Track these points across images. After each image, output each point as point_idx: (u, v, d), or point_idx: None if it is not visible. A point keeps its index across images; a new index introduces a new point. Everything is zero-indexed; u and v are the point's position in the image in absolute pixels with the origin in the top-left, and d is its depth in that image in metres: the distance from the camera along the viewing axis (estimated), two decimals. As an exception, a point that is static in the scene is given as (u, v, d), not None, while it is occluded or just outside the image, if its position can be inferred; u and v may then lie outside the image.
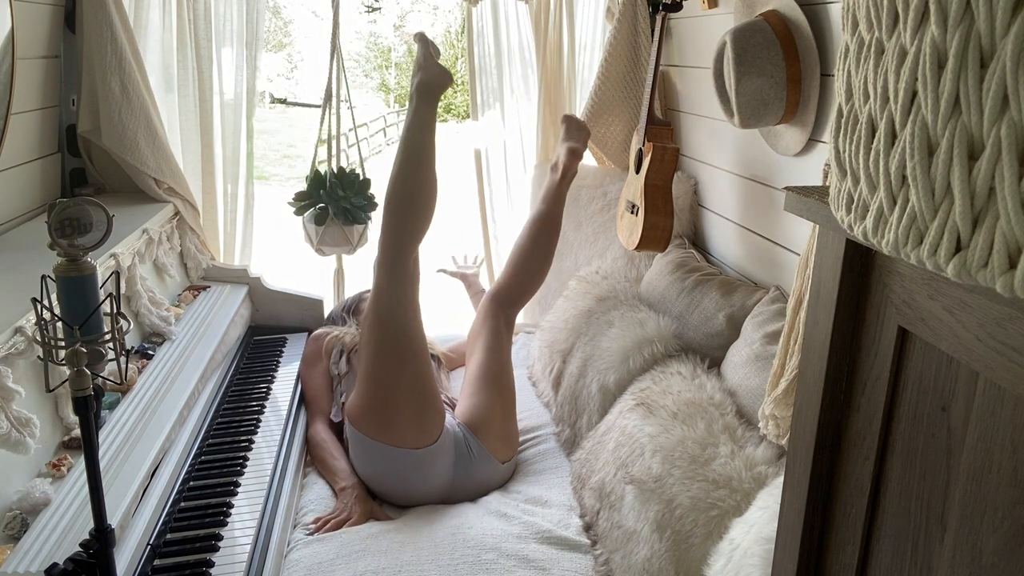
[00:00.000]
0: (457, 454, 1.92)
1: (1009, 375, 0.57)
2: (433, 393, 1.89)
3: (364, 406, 1.89)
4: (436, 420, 1.89)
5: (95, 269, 1.06)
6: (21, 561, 1.21)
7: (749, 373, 1.73)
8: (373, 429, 1.86)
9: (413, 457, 1.85)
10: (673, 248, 2.37)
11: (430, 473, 1.88)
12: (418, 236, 1.89)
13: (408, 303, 1.86)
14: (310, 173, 2.76)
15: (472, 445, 1.96)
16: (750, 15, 1.81)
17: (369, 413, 1.87)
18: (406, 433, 1.85)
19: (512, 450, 2.06)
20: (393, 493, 1.93)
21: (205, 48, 2.63)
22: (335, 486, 1.93)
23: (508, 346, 2.21)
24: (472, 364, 2.16)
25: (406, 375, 1.84)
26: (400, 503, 1.94)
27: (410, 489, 1.91)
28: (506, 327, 2.23)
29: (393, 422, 1.85)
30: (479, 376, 2.08)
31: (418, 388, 1.85)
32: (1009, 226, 0.47)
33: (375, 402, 1.86)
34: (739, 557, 1.20)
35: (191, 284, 2.56)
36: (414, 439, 1.85)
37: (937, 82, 0.52)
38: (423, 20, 29.49)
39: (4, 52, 1.96)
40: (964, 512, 0.63)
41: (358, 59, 30.78)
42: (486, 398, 2.04)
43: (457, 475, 1.92)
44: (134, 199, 2.49)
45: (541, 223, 2.35)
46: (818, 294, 0.82)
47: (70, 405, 1.18)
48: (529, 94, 2.95)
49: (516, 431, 2.12)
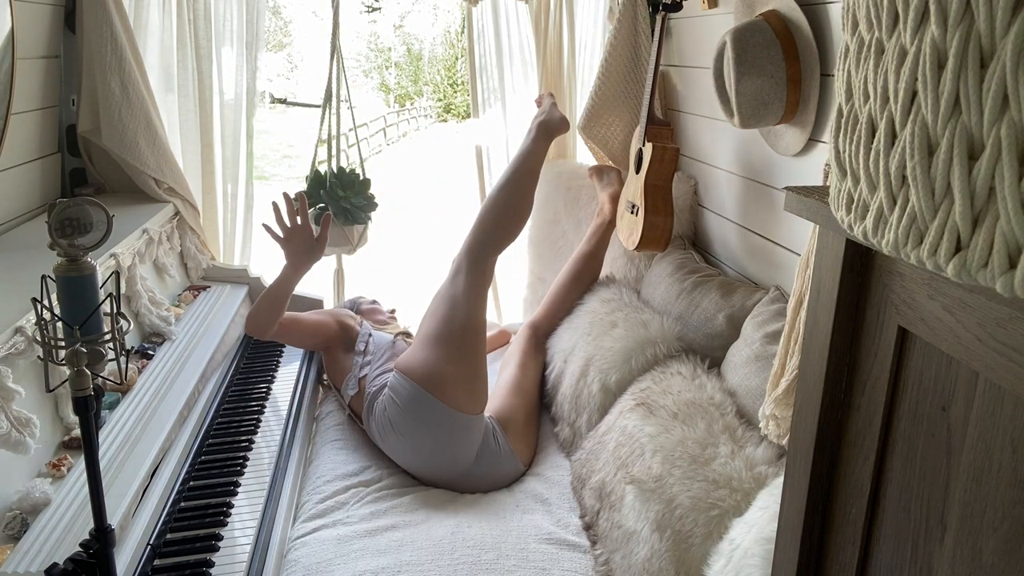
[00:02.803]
0: (484, 442, 2.04)
1: (1009, 375, 0.57)
2: (485, 371, 2.08)
3: (424, 360, 2.03)
4: (483, 393, 2.05)
5: (95, 269, 1.06)
6: (21, 561, 1.21)
7: (749, 373, 1.73)
8: (428, 382, 2.00)
9: (456, 420, 1.98)
10: (673, 249, 2.37)
11: (462, 443, 1.99)
12: (508, 243, 2.21)
13: (480, 293, 2.11)
14: (310, 173, 2.76)
15: (500, 439, 2.07)
16: (750, 15, 1.81)
17: (428, 367, 2.02)
18: (456, 394, 1.99)
19: (530, 455, 2.17)
20: (418, 454, 2.00)
21: (205, 48, 2.63)
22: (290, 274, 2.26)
23: (539, 368, 2.40)
24: (505, 376, 2.33)
25: (467, 346, 2.05)
26: (419, 470, 2.02)
27: (437, 454, 1.99)
28: (538, 351, 2.44)
29: (448, 381, 1.99)
30: (511, 386, 2.27)
31: (475, 361, 2.05)
32: (1009, 226, 0.47)
33: (437, 361, 2.02)
34: (739, 557, 1.20)
35: (191, 284, 2.56)
36: (463, 403, 1.99)
37: (937, 82, 0.52)
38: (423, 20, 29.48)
39: (4, 52, 1.96)
40: (964, 512, 0.63)
41: (358, 59, 30.81)
42: (515, 402, 2.21)
43: (479, 463, 2.02)
44: (134, 199, 2.49)
45: (584, 262, 2.52)
46: (818, 294, 0.82)
47: (70, 405, 1.18)
48: (529, 93, 2.95)
49: (536, 440, 2.23)
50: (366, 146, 15.20)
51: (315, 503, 1.87)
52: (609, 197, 2.55)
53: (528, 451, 2.16)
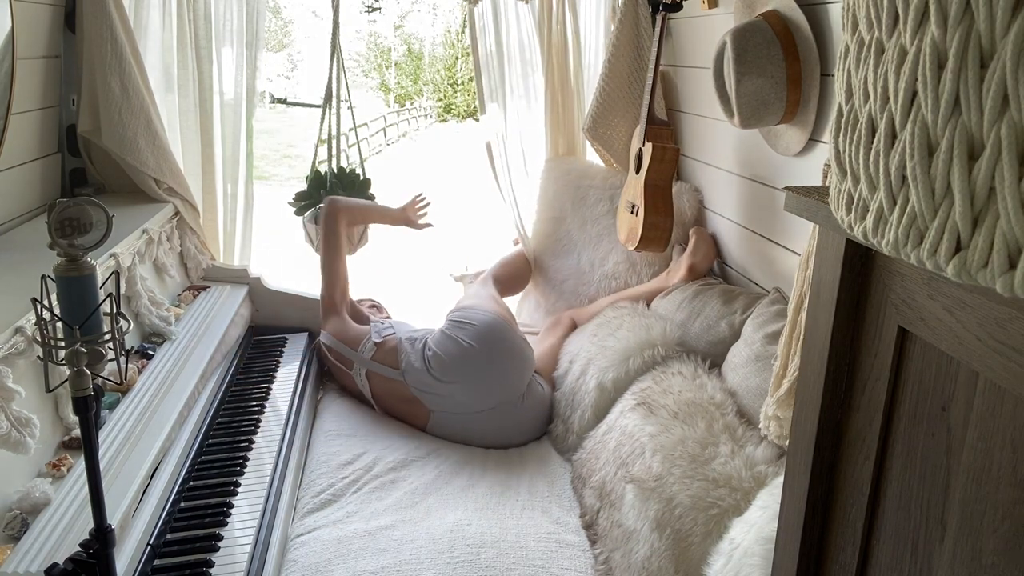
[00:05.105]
0: (533, 380, 2.28)
1: (1009, 375, 0.57)
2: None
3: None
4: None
5: (95, 269, 1.06)
6: (21, 561, 1.21)
7: (749, 373, 1.73)
8: (509, 316, 2.37)
9: (525, 350, 2.28)
10: (674, 256, 2.40)
11: (524, 372, 2.25)
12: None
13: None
14: (310, 173, 2.76)
15: (544, 386, 2.31)
16: (750, 15, 1.81)
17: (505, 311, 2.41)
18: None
19: (550, 372, 2.39)
20: (480, 378, 2.18)
21: (205, 48, 2.63)
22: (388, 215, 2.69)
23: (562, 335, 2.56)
24: (543, 344, 2.52)
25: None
26: (469, 398, 2.18)
27: (498, 377, 2.20)
28: (567, 330, 2.57)
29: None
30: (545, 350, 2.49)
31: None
32: (1009, 226, 0.47)
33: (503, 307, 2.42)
34: (739, 557, 1.20)
35: (191, 284, 2.56)
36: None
37: (937, 82, 0.52)
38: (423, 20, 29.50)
39: (4, 52, 1.96)
40: (964, 512, 0.63)
41: (358, 59, 30.81)
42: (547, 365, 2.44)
43: (525, 399, 2.23)
44: (134, 199, 2.48)
45: (628, 298, 2.44)
46: (818, 294, 0.82)
47: (70, 405, 1.18)
48: (529, 93, 2.95)
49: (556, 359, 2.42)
50: (366, 146, 15.20)
51: (311, 497, 1.88)
52: (689, 267, 2.30)
53: (550, 369, 2.41)
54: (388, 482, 1.96)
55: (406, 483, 1.97)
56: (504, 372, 2.20)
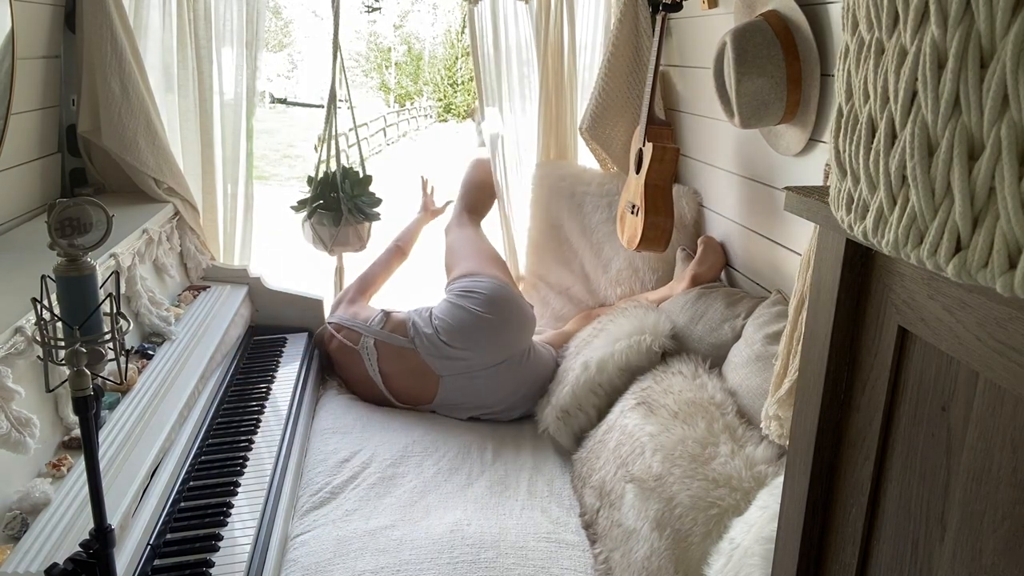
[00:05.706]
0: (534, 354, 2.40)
1: (1009, 375, 0.57)
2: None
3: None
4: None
5: (95, 269, 1.06)
6: (21, 561, 1.21)
7: (750, 373, 1.73)
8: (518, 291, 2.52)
9: (531, 316, 2.44)
10: (678, 259, 2.40)
11: (529, 332, 2.41)
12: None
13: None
14: (315, 175, 2.76)
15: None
16: (750, 15, 1.81)
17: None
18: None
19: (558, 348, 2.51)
20: (494, 332, 2.30)
21: (205, 48, 2.62)
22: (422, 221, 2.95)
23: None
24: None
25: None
26: (482, 350, 2.29)
27: (509, 333, 2.33)
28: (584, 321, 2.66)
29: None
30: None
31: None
32: (1009, 226, 0.47)
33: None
34: (739, 556, 1.20)
35: (191, 284, 2.56)
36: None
37: (937, 82, 0.52)
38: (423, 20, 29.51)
39: (4, 52, 1.96)
40: (964, 512, 0.63)
41: (358, 59, 30.81)
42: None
43: (531, 356, 2.37)
44: (134, 199, 2.48)
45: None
46: (818, 294, 0.82)
47: (70, 405, 1.18)
48: (528, 93, 2.95)
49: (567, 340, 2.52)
50: (366, 146, 15.19)
51: (309, 495, 1.89)
52: (692, 276, 2.30)
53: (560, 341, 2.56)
54: (386, 479, 1.97)
55: (404, 480, 1.97)
56: (511, 330, 2.35)
